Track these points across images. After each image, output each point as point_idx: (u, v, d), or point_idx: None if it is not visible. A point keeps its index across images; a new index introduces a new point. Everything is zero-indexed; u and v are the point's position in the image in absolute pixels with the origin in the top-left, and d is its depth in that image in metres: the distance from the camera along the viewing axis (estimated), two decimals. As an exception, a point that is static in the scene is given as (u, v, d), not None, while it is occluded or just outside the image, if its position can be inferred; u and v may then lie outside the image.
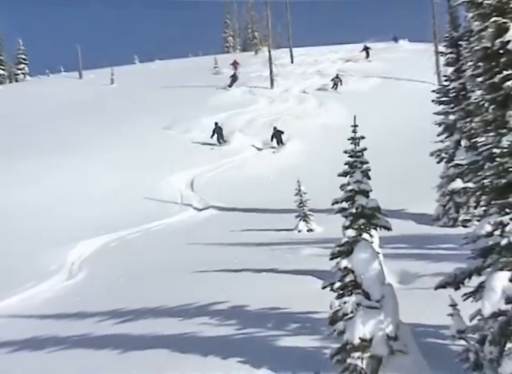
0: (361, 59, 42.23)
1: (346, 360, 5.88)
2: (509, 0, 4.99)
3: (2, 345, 8.40)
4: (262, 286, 9.91)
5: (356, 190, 6.00)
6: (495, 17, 5.07)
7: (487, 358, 5.01)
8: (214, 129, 27.99)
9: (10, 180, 20.64)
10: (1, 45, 55.44)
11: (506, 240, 4.89)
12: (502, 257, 4.97)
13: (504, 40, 5.02)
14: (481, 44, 5.20)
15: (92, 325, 8.70)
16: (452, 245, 10.34)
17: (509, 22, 5.04)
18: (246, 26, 66.59)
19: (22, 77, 54.21)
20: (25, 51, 55.84)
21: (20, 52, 55.53)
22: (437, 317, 6.31)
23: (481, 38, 5.18)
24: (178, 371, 6.46)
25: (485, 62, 5.29)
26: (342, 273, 5.92)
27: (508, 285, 4.86)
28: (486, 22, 5.13)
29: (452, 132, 15.11)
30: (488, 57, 5.23)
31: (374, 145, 7.04)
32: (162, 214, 19.23)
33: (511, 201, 4.99)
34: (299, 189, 15.82)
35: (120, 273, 12.96)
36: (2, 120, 31.84)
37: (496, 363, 4.90)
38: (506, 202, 5.01)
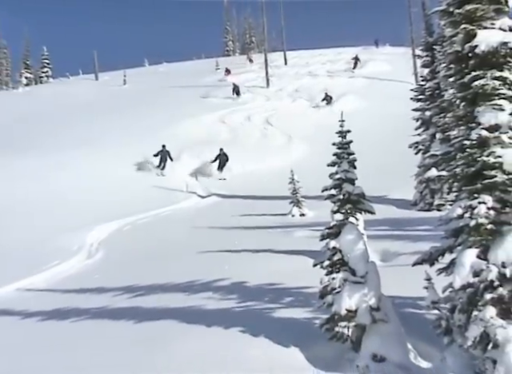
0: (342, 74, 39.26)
1: (334, 329, 5.96)
2: (476, 10, 5.00)
3: (31, 315, 8.43)
4: (260, 265, 9.91)
5: (343, 178, 6.04)
6: (464, 25, 5.08)
7: (456, 324, 5.06)
8: (160, 151, 22.96)
9: (35, 170, 20.59)
10: (28, 52, 55.94)
11: (475, 221, 4.92)
12: (471, 237, 4.98)
13: (472, 44, 5.03)
14: (452, 48, 5.21)
15: (109, 299, 8.72)
16: (428, 227, 10.38)
17: (476, 29, 5.04)
18: (244, 32, 66.39)
19: (46, 80, 54.24)
20: (48, 56, 55.86)
21: (44, 57, 55.54)
22: (414, 290, 6.33)
23: (452, 43, 5.20)
24: (185, 340, 6.46)
25: (456, 64, 5.30)
26: (331, 252, 5.97)
27: (475, 261, 4.90)
28: (457, 29, 5.14)
29: (428, 126, 15.12)
30: (459, 60, 5.25)
31: (359, 139, 7.04)
32: (169, 201, 19.21)
33: (479, 187, 5.00)
34: (292, 178, 15.83)
35: (132, 253, 12.99)
36: (28, 117, 31.74)
37: (464, 328, 4.95)
38: (475, 188, 5.03)
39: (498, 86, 4.99)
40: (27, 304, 9.08)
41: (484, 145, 5.00)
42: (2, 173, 20.28)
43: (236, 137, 27.47)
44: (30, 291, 10.50)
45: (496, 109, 5.00)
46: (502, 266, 4.80)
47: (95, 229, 15.67)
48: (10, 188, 18.58)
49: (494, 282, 4.80)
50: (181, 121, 29.17)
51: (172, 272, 10.01)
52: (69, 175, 20.32)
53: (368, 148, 17.80)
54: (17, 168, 20.74)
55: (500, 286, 4.80)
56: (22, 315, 8.57)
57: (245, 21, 66.14)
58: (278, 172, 20.40)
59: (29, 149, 23.95)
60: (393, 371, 5.42)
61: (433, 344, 5.61)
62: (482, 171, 4.98)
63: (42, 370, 6.21)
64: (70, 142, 24.88)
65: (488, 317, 4.72)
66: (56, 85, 50.01)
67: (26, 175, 19.98)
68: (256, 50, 60.72)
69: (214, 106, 31.84)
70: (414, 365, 5.57)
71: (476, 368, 4.90)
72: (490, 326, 4.71)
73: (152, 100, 34.24)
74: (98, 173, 20.95)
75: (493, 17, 5.10)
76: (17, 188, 18.67)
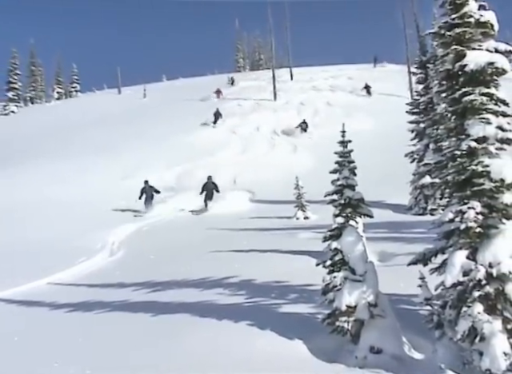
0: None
1: (335, 323, 5.98)
2: (464, 33, 5.04)
3: (59, 307, 8.52)
4: (267, 263, 9.90)
5: (344, 185, 6.06)
6: (455, 46, 5.12)
7: (447, 319, 5.08)
8: (142, 189, 18.84)
9: (62, 174, 20.80)
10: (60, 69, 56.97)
11: (464, 225, 4.93)
12: (461, 239, 5.00)
13: (462, 63, 5.07)
14: (444, 66, 5.25)
15: (129, 293, 8.76)
16: (422, 230, 10.34)
17: (465, 50, 5.08)
18: (254, 50, 66.77)
19: (75, 94, 54.98)
20: (77, 73, 56.65)
21: (73, 73, 56.25)
22: (409, 288, 6.34)
23: (444, 62, 5.23)
24: (199, 332, 6.48)
25: (447, 81, 5.33)
26: (333, 253, 5.99)
27: (465, 262, 4.91)
28: (448, 50, 5.18)
29: (422, 137, 15.13)
30: (450, 77, 5.28)
31: (359, 148, 7.07)
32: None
33: (468, 194, 5.02)
34: (297, 184, 15.88)
35: (150, 252, 13.04)
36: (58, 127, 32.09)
37: (454, 323, 4.96)
38: (464, 194, 5.05)
39: (485, 102, 5.03)
40: (56, 297, 9.15)
41: (473, 155, 5.03)
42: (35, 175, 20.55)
43: (246, 146, 27.54)
44: (58, 285, 10.59)
45: (484, 123, 5.03)
46: (489, 266, 4.82)
47: (116, 229, 15.78)
48: (40, 190, 18.78)
49: (481, 281, 4.82)
50: (193, 131, 29.32)
51: (186, 270, 10.02)
52: (90, 179, 20.48)
53: (367, 156, 17.82)
54: (47, 171, 20.98)
55: (487, 284, 4.82)
56: (51, 306, 8.65)
57: (254, 41, 66.57)
58: (284, 178, 20.42)
59: (58, 154, 24.24)
60: (389, 361, 5.44)
61: (425, 337, 5.62)
62: (471, 179, 5.00)
63: (68, 357, 6.28)
64: (92, 149, 25.11)
65: (476, 313, 4.74)
66: (83, 98, 50.58)
67: (54, 178, 20.21)
68: (264, 66, 60.92)
69: (225, 116, 31.94)
70: (408, 356, 5.59)
71: (464, 359, 4.92)
72: (477, 321, 4.73)
73: (168, 111, 34.43)
74: (117, 176, 21.08)
75: (480, 40, 5.14)
76: (46, 190, 18.86)
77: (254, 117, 32.49)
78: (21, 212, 16.81)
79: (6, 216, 16.33)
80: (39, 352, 6.57)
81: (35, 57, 54.45)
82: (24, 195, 18.49)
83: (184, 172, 23.30)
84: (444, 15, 5.30)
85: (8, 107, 45.85)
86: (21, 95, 49.58)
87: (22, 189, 19.23)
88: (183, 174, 23.11)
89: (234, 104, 36.50)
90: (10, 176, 21.24)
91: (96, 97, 49.71)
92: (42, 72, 55.18)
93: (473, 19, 5.07)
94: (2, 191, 19.01)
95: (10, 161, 23.89)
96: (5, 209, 16.93)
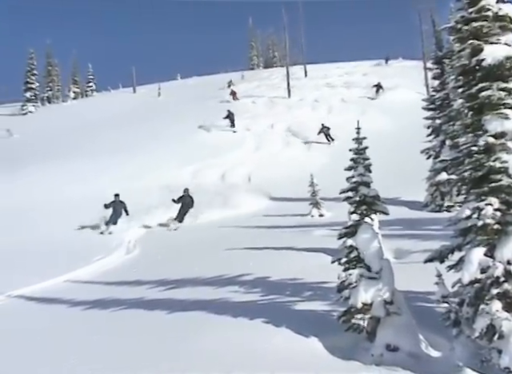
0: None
1: (351, 321, 5.95)
2: (482, 27, 4.97)
3: (77, 305, 8.61)
4: (281, 261, 9.88)
5: (359, 182, 6.03)
6: (471, 40, 5.06)
7: (464, 317, 5.04)
8: (112, 203, 16.47)
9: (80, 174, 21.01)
10: (76, 69, 57.47)
11: (482, 222, 4.89)
12: (478, 236, 4.96)
13: (479, 58, 5.01)
14: (460, 61, 5.19)
15: (145, 291, 8.82)
16: (438, 227, 10.24)
17: (482, 44, 5.02)
18: (268, 48, 66.69)
19: (91, 93, 55.48)
20: (93, 72, 57.12)
21: (89, 73, 56.74)
22: (425, 285, 6.29)
23: (460, 57, 5.17)
24: (214, 329, 6.50)
25: (464, 76, 5.27)
26: (348, 250, 5.97)
27: (482, 259, 4.87)
28: (464, 44, 5.12)
29: (438, 133, 14.98)
30: (466, 73, 5.22)
31: (374, 145, 7.02)
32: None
33: (486, 190, 4.97)
34: (312, 182, 15.83)
35: (166, 250, 13.12)
36: (75, 127, 32.42)
37: (471, 321, 4.92)
38: (482, 191, 5.00)
39: (503, 97, 4.96)
40: (74, 295, 9.26)
41: (490, 151, 4.97)
42: (55, 175, 20.82)
43: (260, 144, 27.52)
44: (76, 282, 10.71)
45: (502, 118, 4.96)
46: (507, 263, 4.77)
47: (132, 228, 15.88)
48: (59, 189, 18.97)
49: (499, 278, 4.77)
50: (207, 129, 29.29)
51: (201, 268, 10.05)
52: (108, 178, 20.61)
53: (382, 153, 17.71)
54: (66, 170, 21.25)
55: (505, 282, 4.77)
56: (69, 304, 8.75)
57: (268, 38, 66.49)
58: (298, 176, 20.38)
59: (76, 154, 24.48)
60: (405, 359, 5.40)
61: (442, 335, 5.57)
62: (489, 175, 4.94)
63: (83, 354, 6.34)
64: (109, 149, 25.30)
65: (494, 310, 4.69)
66: (99, 98, 51.01)
67: (72, 177, 20.43)
68: (278, 64, 60.83)
69: (239, 114, 31.94)
70: (425, 354, 5.54)
71: (482, 356, 4.88)
72: (495, 318, 4.67)
73: (183, 109, 34.52)
74: (133, 176, 21.16)
75: (498, 34, 5.07)
76: (64, 189, 19.06)
77: (267, 115, 32.45)
78: (40, 211, 16.99)
79: (25, 215, 16.53)
80: (55, 348, 6.65)
81: (52, 57, 54.97)
82: (43, 194, 18.69)
83: (198, 170, 23.36)
84: (461, 9, 5.24)
85: (26, 107, 46.37)
86: (38, 95, 50.08)
87: (42, 188, 19.44)
88: (198, 173, 23.17)
89: (248, 101, 36.50)
90: (29, 175, 21.50)
91: (111, 96, 50.11)
92: (58, 72, 55.68)
93: (491, 13, 5.00)
94: (22, 190, 19.25)
95: (28, 161, 24.19)
96: (24, 208, 17.13)
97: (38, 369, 6.01)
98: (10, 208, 17.22)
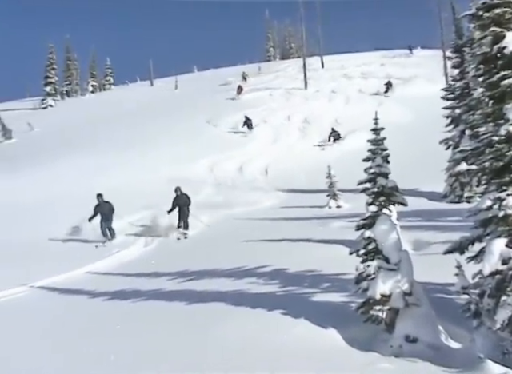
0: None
1: (369, 312, 5.93)
2: (504, 13, 4.86)
3: (97, 296, 8.75)
4: (299, 252, 9.87)
5: (377, 173, 5.97)
6: (493, 27, 4.96)
7: (485, 309, 4.99)
8: (96, 207, 14.20)
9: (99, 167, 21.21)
10: (94, 63, 57.63)
11: (503, 212, 4.82)
12: (500, 227, 4.90)
13: (501, 46, 4.90)
14: (481, 49, 5.09)
15: (164, 282, 8.88)
16: (458, 218, 10.14)
17: (505, 31, 4.91)
18: (284, 39, 66.30)
19: (109, 87, 55.89)
20: (111, 66, 57.49)
21: (107, 67, 57.16)
22: (444, 277, 6.22)
23: (481, 45, 5.07)
24: (233, 321, 6.53)
25: (485, 65, 5.17)
26: (366, 242, 5.93)
27: (504, 249, 4.80)
28: (486, 31, 5.02)
29: (458, 123, 14.78)
30: (487, 61, 5.12)
31: (392, 135, 6.94)
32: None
33: (507, 180, 4.89)
34: (329, 173, 15.75)
35: (184, 242, 13.19)
36: (93, 120, 32.74)
37: (492, 312, 4.86)
38: (503, 181, 4.92)
39: (525, 85, 4.85)
40: (94, 286, 9.41)
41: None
42: (74, 168, 21.08)
43: (277, 136, 27.44)
44: (96, 274, 10.86)
45: (524, 107, 4.86)
46: (529, 254, 4.68)
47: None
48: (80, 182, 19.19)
49: (522, 269, 4.69)
50: (224, 121, 29.25)
51: (219, 259, 10.09)
52: (125, 172, 20.76)
53: (400, 144, 17.52)
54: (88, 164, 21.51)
55: (527, 273, 4.68)
56: (89, 295, 8.90)
57: (284, 29, 66.07)
58: (315, 167, 20.30)
59: (94, 148, 24.71)
60: (425, 350, 5.36)
61: (462, 326, 5.52)
62: (510, 165, 4.87)
63: (105, 343, 6.42)
64: (127, 142, 25.49)
65: (516, 302, 4.62)
66: (117, 91, 51.43)
67: (91, 171, 20.64)
68: (295, 55, 60.45)
69: (256, 106, 31.87)
70: (445, 345, 5.49)
71: (504, 348, 4.83)
72: (518, 310, 4.60)
73: (199, 102, 34.57)
74: (151, 169, 21.26)
75: (521, 20, 4.95)
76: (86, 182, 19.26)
77: (284, 107, 32.31)
78: (60, 204, 17.20)
79: (47, 208, 16.72)
80: (77, 336, 6.75)
81: (71, 51, 55.47)
82: (63, 187, 18.92)
83: (215, 163, 23.40)
84: (482, -4, 5.12)
85: (46, 101, 47.01)
86: (57, 89, 50.68)
87: (62, 182, 19.69)
88: (215, 166, 23.21)
89: (265, 93, 36.38)
90: (50, 168, 21.80)
91: (129, 89, 50.39)
92: (77, 66, 56.23)
93: (513, -2, 4.89)
94: (43, 184, 19.50)
95: (49, 154, 24.54)
96: (46, 201, 17.36)
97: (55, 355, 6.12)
98: (32, 201, 17.46)
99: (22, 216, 15.87)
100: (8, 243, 13.41)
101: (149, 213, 15.16)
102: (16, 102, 51.59)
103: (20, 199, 17.65)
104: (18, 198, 17.73)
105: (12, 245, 13.17)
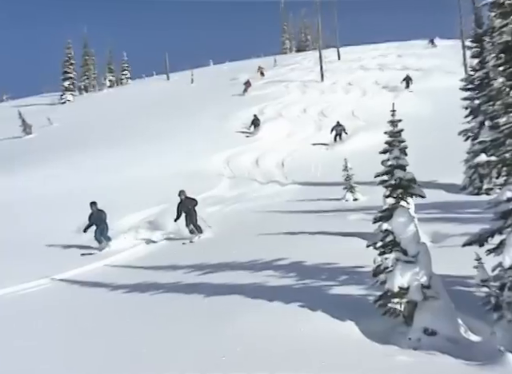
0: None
1: (387, 305, 5.89)
2: (527, 0, 4.76)
3: (116, 288, 8.84)
4: (316, 245, 9.82)
5: (395, 165, 5.91)
6: (515, 15, 4.85)
7: (506, 301, 4.92)
8: (91, 216, 13.07)
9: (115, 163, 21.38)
10: (111, 58, 58.26)
11: (524, 204, 4.74)
12: (520, 219, 4.82)
13: (523, 34, 4.80)
14: (502, 38, 4.98)
15: (182, 275, 8.93)
16: (477, 210, 9.98)
17: (527, 19, 4.81)
18: (300, 31, 65.95)
19: (126, 81, 56.32)
20: (127, 60, 57.88)
21: (124, 62, 57.53)
22: (463, 270, 6.16)
23: (502, 33, 4.97)
24: (250, 313, 6.54)
25: (506, 54, 5.07)
26: (384, 234, 5.89)
27: (525, 242, 4.72)
28: (507, 19, 4.91)
29: (477, 114, 14.54)
30: (508, 50, 5.01)
31: (409, 127, 6.86)
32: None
33: (528, 172, 4.81)
34: (346, 166, 15.66)
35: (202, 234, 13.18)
36: (110, 115, 33.02)
37: (513, 305, 4.80)
38: (524, 173, 4.84)
39: (547, 74, 4.74)
40: (113, 279, 9.50)
41: (533, 131, 4.78)
42: (92, 162, 21.30)
43: (293, 129, 27.33)
44: (115, 267, 10.98)
45: (545, 96, 4.75)
46: (550, 247, 4.59)
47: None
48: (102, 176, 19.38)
49: (543, 262, 4.60)
50: (239, 114, 29.20)
51: (236, 252, 10.09)
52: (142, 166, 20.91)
53: (418, 135, 17.32)
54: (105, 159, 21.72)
55: (549, 266, 4.60)
56: (108, 287, 8.99)
57: (300, 21, 65.71)
58: (332, 160, 20.23)
59: (111, 142, 24.94)
60: (443, 343, 5.31)
61: (482, 319, 5.45)
62: (532, 156, 4.76)
63: (124, 336, 6.50)
64: (144, 137, 25.69)
65: (537, 295, 4.54)
66: (134, 85, 51.77)
67: (108, 165, 20.82)
68: (311, 47, 60.12)
69: (271, 99, 31.80)
70: (464, 338, 5.44)
71: (525, 342, 4.74)
72: (539, 303, 4.53)
73: (215, 96, 34.61)
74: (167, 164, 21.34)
75: (543, 7, 4.84)
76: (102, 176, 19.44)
77: (300, 99, 32.18)
78: (78, 197, 17.37)
79: (67, 201, 16.90)
80: (97, 328, 6.84)
81: (88, 46, 55.95)
82: (84, 181, 19.13)
83: (231, 156, 23.41)
84: (503, -18, 5.00)
85: (64, 96, 47.58)
86: (75, 84, 51.18)
87: (83, 175, 19.92)
88: (231, 159, 23.23)
89: (281, 86, 36.28)
90: (72, 162, 22.08)
91: (146, 83, 50.74)
92: (94, 61, 56.68)
93: (536, -15, 4.77)
94: (65, 178, 19.75)
95: (69, 149, 24.86)
96: (67, 195, 17.56)
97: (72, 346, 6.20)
98: (52, 195, 17.68)
99: (43, 210, 16.05)
100: (30, 236, 13.62)
101: (163, 208, 15.26)
102: (35, 98, 52.36)
103: (42, 193, 17.90)
104: (40, 192, 17.98)
105: (33, 238, 13.37)
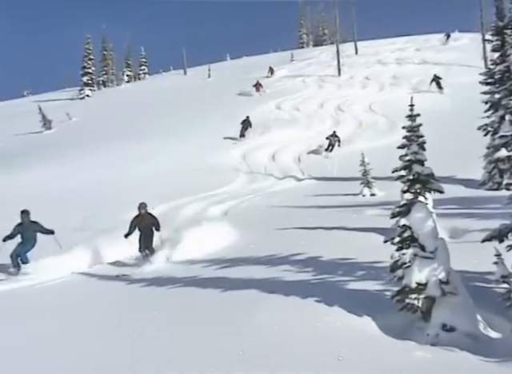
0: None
1: (405, 300, 5.86)
2: (550, -9, 4.65)
3: (131, 283, 8.85)
4: (333, 240, 9.78)
5: (413, 160, 5.87)
6: (538, 7, 4.75)
7: (527, 298, 4.85)
8: (17, 226, 10.48)
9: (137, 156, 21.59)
10: (129, 53, 58.67)
11: (545, 199, 4.66)
12: (542, 215, 4.74)
13: (546, 26, 4.70)
14: (524, 31, 4.89)
15: (199, 270, 8.92)
16: (497, 205, 9.86)
17: (550, 11, 4.70)
18: (317, 25, 65.58)
19: (143, 76, 56.71)
20: (145, 56, 58.17)
21: (142, 57, 57.94)
22: (482, 265, 6.10)
23: (524, 26, 4.88)
24: (267, 308, 6.53)
25: (528, 47, 4.98)
26: (401, 230, 5.85)
27: (546, 238, 4.65)
28: (530, 12, 4.82)
29: (497, 108, 14.29)
30: (531, 43, 4.92)
31: (428, 122, 6.78)
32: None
33: (550, 167, 4.73)
34: (363, 160, 15.55)
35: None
36: (129, 110, 33.30)
37: (534, 302, 4.73)
38: (546, 167, 4.76)
39: None
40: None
41: (555, 125, 4.69)
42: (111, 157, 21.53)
43: (310, 124, 27.23)
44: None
45: None
46: None
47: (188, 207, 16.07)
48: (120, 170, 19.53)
49: None
50: (256, 109, 29.15)
51: (253, 247, 10.08)
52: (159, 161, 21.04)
53: (437, 130, 17.14)
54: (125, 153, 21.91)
55: None
56: (125, 281, 9.04)
57: (318, 16, 65.36)
58: (349, 155, 20.12)
59: (130, 137, 25.19)
60: (462, 339, 5.27)
61: (502, 315, 5.40)
62: (554, 151, 4.68)
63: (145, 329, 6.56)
64: (161, 132, 25.85)
65: (558, 292, 4.48)
66: (151, 80, 52.10)
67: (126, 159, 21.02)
68: (328, 41, 59.73)
69: (289, 93, 31.69)
70: (484, 335, 5.38)
71: (546, 339, 4.68)
72: (560, 300, 4.46)
73: (233, 89, 34.59)
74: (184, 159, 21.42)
75: None
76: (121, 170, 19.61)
77: (317, 94, 32.02)
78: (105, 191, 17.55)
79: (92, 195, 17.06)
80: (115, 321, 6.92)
81: (107, 42, 56.39)
82: (103, 175, 19.33)
83: (249, 152, 23.41)
84: (525, -26, 4.91)
85: (83, 91, 48.13)
86: (94, 79, 51.67)
87: (103, 169, 20.14)
88: (247, 153, 23.24)
89: (298, 81, 36.13)
90: (90, 156, 22.35)
91: (163, 78, 50.97)
92: (113, 56, 57.09)
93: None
94: (85, 172, 20.00)
95: (88, 143, 25.17)
96: (88, 188, 17.76)
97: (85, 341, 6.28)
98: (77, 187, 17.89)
99: (71, 203, 16.24)
100: (60, 227, 13.76)
101: (177, 203, 15.36)
102: (55, 93, 53.06)
103: (67, 185, 18.17)
104: (64, 184, 18.24)
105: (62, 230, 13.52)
